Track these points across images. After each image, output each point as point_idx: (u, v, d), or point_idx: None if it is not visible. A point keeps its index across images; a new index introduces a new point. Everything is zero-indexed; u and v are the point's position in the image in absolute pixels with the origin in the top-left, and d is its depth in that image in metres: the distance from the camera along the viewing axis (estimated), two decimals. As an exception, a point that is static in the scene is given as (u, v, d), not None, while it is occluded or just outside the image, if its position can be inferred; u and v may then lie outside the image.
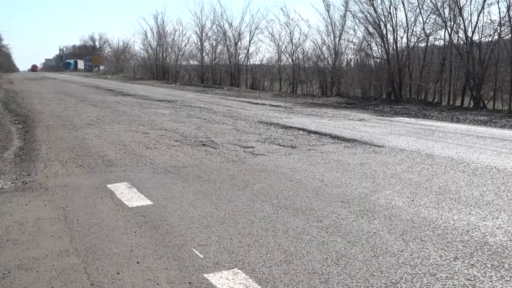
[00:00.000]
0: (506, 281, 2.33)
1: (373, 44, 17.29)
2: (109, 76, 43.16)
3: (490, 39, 13.42)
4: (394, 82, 15.64)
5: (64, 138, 6.80)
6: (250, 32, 26.98)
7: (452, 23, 14.11)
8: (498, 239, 2.88)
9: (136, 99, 14.87)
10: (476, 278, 2.36)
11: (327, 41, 20.23)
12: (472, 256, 2.62)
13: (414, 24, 15.57)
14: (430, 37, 15.30)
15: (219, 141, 6.70)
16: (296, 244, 2.78)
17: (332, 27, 19.79)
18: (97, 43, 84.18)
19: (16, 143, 6.43)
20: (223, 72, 28.43)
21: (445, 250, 2.71)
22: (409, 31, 15.60)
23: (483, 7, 13.34)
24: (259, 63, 26.80)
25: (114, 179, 4.40)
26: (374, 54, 17.32)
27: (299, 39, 23.22)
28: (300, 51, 22.66)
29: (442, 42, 15.34)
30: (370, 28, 16.78)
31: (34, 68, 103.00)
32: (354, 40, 19.31)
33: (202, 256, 2.61)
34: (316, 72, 21.10)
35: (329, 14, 19.90)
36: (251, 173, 4.74)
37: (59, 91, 18.79)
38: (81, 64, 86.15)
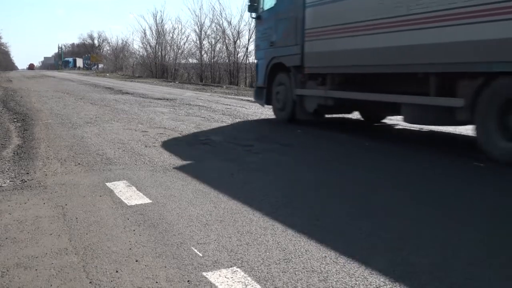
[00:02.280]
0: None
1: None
2: (108, 74, 43.13)
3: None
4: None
5: (63, 136, 6.80)
6: (249, 30, 26.97)
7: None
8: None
9: (135, 97, 14.86)
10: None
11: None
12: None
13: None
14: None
15: (218, 139, 6.70)
16: (295, 243, 2.79)
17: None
18: (96, 42, 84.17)
19: (15, 141, 6.43)
20: (222, 71, 28.44)
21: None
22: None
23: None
24: (258, 61, 26.77)
25: (113, 178, 4.40)
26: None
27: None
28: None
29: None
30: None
31: (31, 67, 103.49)
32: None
33: (201, 255, 2.61)
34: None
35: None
36: (250, 171, 4.75)
37: (57, 89, 18.78)
38: (80, 62, 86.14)
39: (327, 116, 8.72)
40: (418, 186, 4.25)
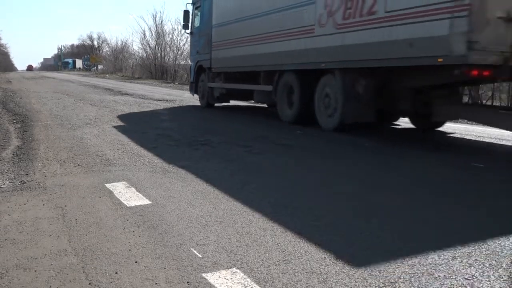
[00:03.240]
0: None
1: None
2: (107, 75, 43.12)
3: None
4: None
5: (63, 137, 6.79)
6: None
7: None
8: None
9: (134, 98, 14.86)
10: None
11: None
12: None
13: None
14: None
15: (217, 140, 6.70)
16: (294, 244, 2.79)
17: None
18: (95, 42, 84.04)
19: (15, 142, 6.42)
20: (222, 71, 28.41)
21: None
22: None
23: None
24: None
25: (113, 179, 4.39)
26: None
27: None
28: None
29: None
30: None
31: (30, 68, 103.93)
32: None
33: (200, 256, 2.61)
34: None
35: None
36: (250, 171, 4.74)
37: (57, 90, 18.76)
38: (79, 63, 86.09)
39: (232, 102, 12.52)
40: (417, 186, 4.25)
